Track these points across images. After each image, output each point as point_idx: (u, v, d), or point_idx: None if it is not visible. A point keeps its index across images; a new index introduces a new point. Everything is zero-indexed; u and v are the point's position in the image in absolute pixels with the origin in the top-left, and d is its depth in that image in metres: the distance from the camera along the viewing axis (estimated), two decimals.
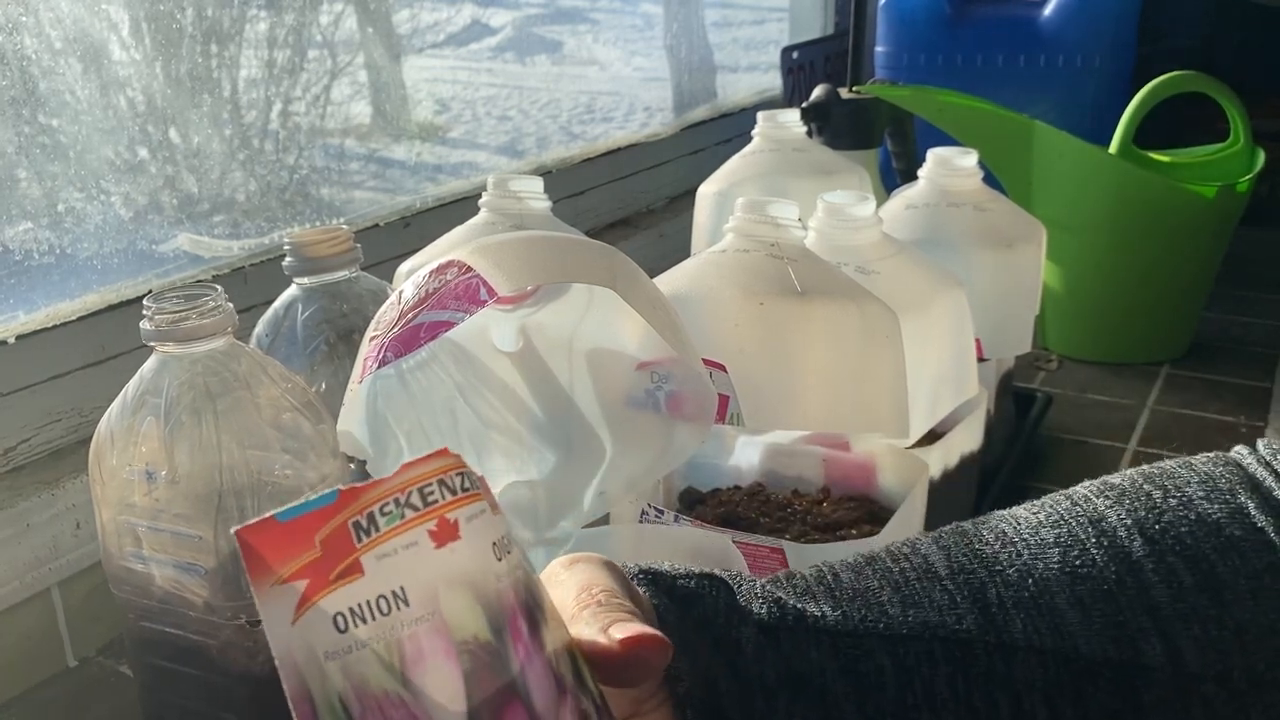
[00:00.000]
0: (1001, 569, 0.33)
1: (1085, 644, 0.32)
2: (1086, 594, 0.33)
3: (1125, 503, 0.35)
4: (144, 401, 0.51)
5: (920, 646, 0.32)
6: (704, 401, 0.51)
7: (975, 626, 0.32)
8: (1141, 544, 0.33)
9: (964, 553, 0.34)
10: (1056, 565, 0.33)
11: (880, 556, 0.35)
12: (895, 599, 0.33)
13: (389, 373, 0.49)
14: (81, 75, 0.78)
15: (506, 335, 0.54)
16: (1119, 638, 0.32)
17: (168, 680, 0.55)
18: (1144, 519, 0.34)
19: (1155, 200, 1.00)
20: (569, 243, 0.50)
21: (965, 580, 0.33)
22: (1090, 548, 0.34)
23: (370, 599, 0.23)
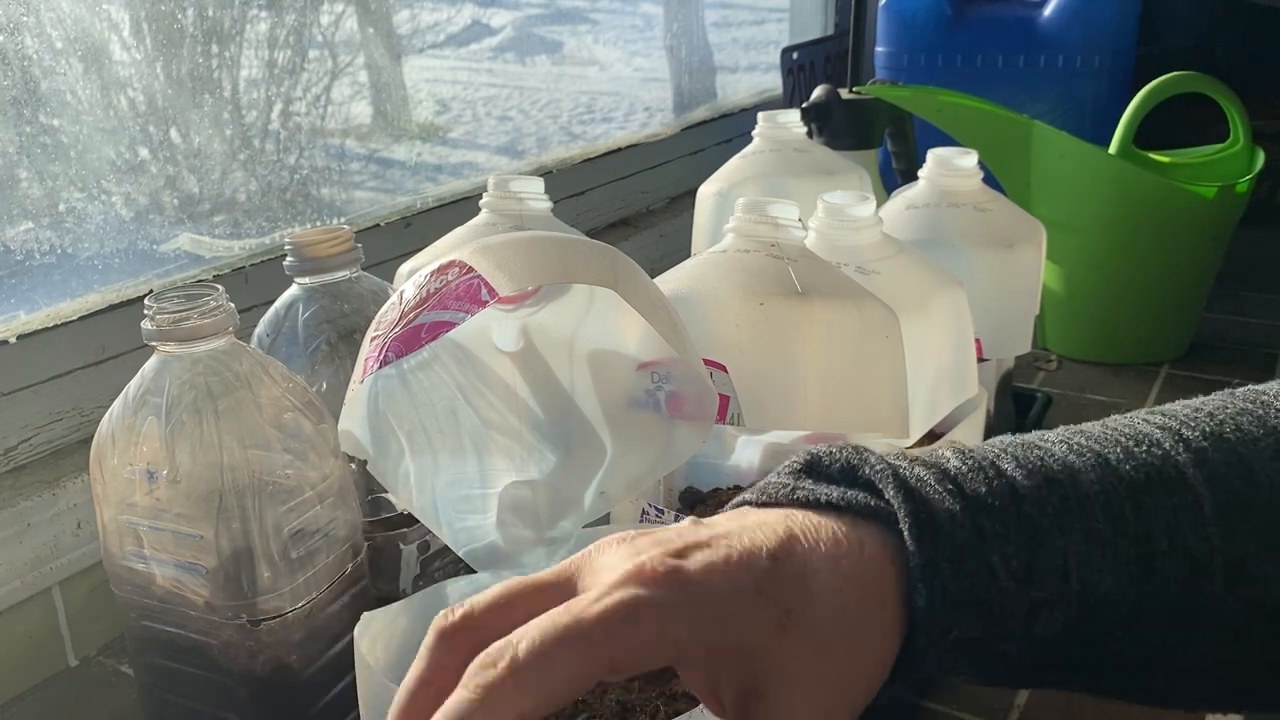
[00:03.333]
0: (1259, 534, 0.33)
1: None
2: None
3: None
4: (145, 401, 0.51)
5: (1161, 601, 0.32)
6: (704, 401, 0.51)
7: (1214, 601, 0.33)
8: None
9: (1224, 497, 0.34)
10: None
11: (1154, 484, 0.33)
12: (1169, 550, 0.33)
13: (390, 373, 0.49)
14: (82, 75, 0.78)
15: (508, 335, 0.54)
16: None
17: (169, 680, 0.55)
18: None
19: (1155, 201, 1.00)
20: (570, 243, 0.50)
21: (1236, 569, 0.33)
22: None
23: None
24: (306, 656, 0.54)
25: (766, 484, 0.34)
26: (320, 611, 0.54)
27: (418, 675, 0.30)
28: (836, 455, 0.34)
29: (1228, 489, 0.33)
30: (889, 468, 0.33)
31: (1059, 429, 0.36)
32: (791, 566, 0.30)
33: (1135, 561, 0.32)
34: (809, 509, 0.33)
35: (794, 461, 0.35)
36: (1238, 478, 0.34)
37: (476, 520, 0.53)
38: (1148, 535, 0.32)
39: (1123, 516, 0.33)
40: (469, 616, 0.30)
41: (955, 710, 0.61)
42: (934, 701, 0.62)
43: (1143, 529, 0.33)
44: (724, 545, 0.31)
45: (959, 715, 0.61)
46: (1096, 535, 0.32)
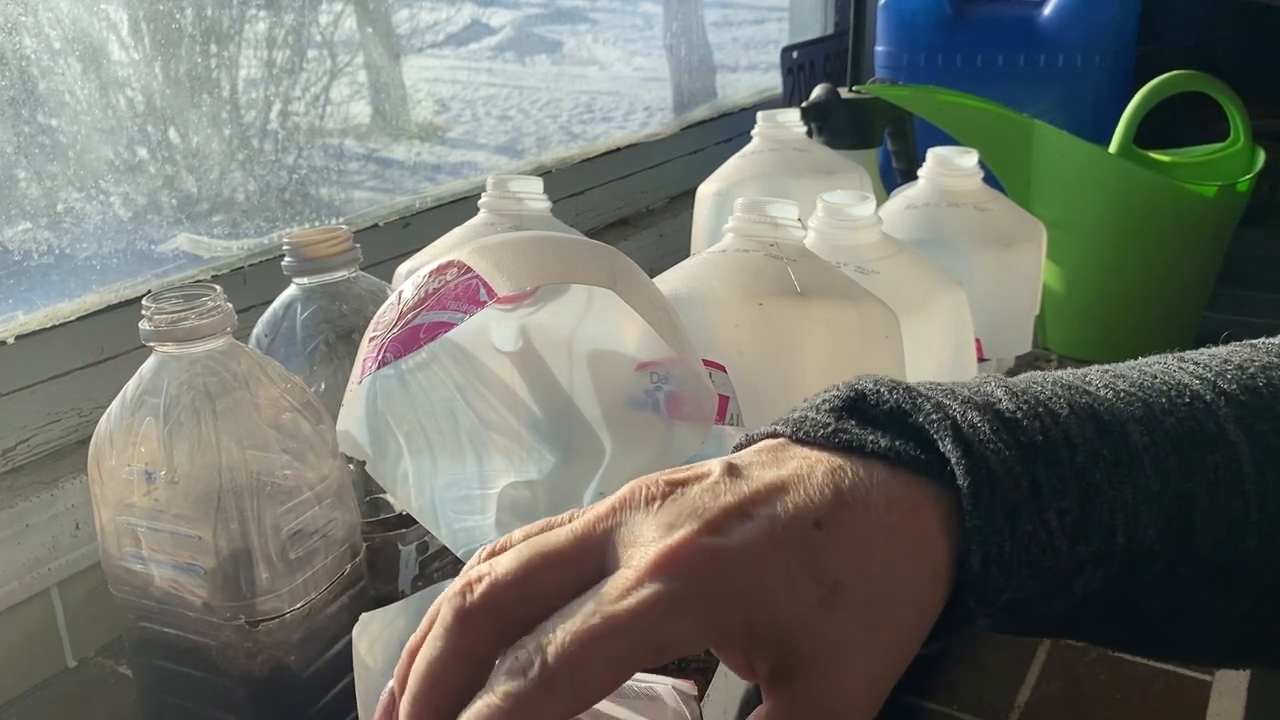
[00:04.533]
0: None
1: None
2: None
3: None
4: (143, 402, 0.51)
5: (1196, 557, 0.32)
6: (703, 402, 0.51)
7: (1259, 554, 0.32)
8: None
9: (1261, 452, 0.33)
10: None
11: (1196, 438, 0.33)
12: (1209, 506, 0.32)
13: (389, 373, 0.49)
14: (81, 75, 0.78)
15: (506, 335, 0.54)
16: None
17: (167, 681, 0.55)
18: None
19: (1155, 200, 1.00)
20: (569, 243, 0.50)
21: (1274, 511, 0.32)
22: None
23: None
24: (305, 657, 0.54)
25: (803, 418, 0.32)
26: (319, 612, 0.54)
27: (437, 657, 0.28)
28: (885, 396, 0.31)
29: (1265, 445, 0.32)
30: (945, 417, 0.30)
31: (1096, 369, 0.35)
32: (840, 536, 0.28)
33: (1177, 517, 0.31)
34: (853, 456, 0.30)
35: (834, 395, 0.32)
36: (1274, 434, 0.33)
37: (475, 521, 0.53)
38: (1190, 492, 0.31)
39: (1169, 471, 0.31)
40: (491, 597, 0.28)
41: (955, 710, 0.61)
42: (934, 702, 0.62)
43: (1186, 485, 0.31)
44: (766, 515, 0.28)
45: (959, 715, 0.61)
46: (1145, 490, 0.31)
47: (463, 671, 0.28)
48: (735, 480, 0.30)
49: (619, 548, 0.29)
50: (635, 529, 0.29)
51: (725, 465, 0.30)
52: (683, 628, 0.27)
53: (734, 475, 0.30)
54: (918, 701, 0.62)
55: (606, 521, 0.29)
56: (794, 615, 0.28)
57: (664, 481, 0.30)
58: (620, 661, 0.27)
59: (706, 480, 0.30)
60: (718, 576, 0.27)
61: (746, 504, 0.29)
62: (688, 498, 0.29)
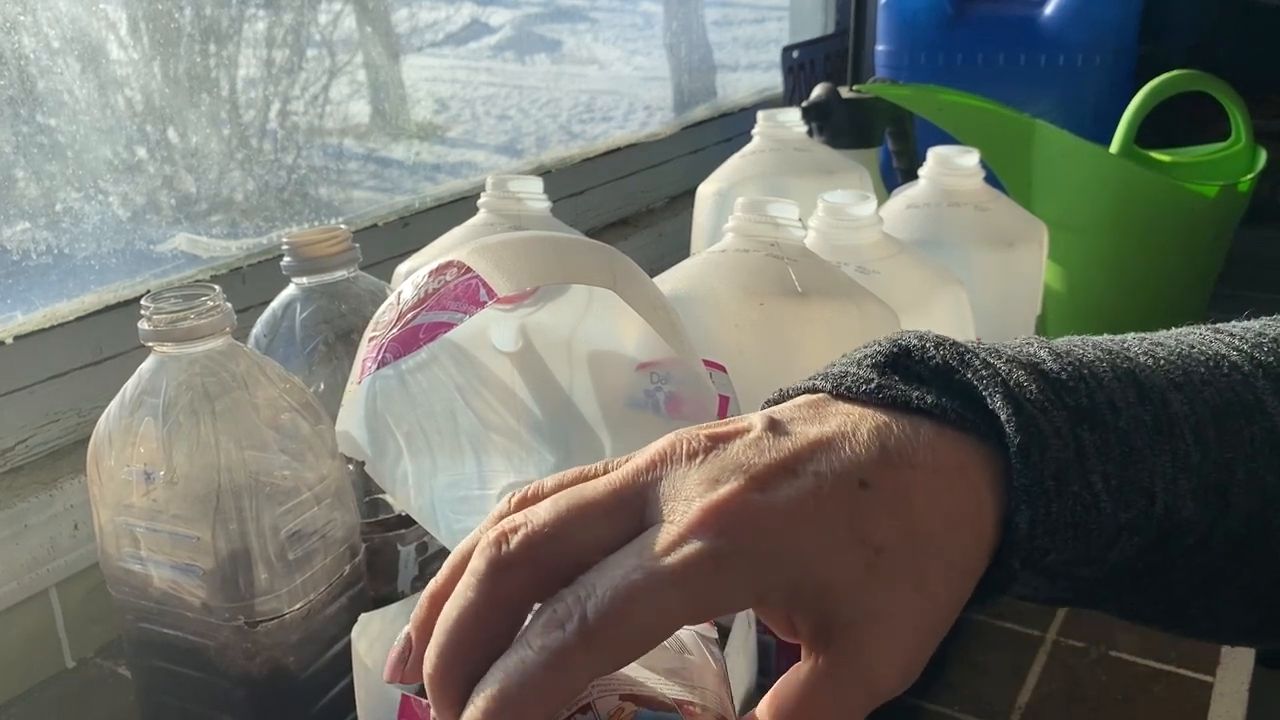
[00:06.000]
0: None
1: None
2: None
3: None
4: (142, 402, 0.51)
5: (1228, 529, 0.31)
6: (704, 402, 0.51)
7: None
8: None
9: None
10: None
11: (1234, 409, 0.32)
12: (1245, 478, 0.32)
13: (388, 373, 0.49)
14: (79, 75, 0.78)
15: (506, 336, 0.54)
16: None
17: (166, 681, 0.55)
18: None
19: (1156, 200, 1.00)
20: (569, 243, 0.50)
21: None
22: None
23: None
24: (304, 658, 0.54)
25: (844, 373, 0.31)
26: (318, 613, 0.54)
27: (469, 607, 0.27)
28: (931, 352, 0.31)
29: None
30: (994, 374, 0.30)
31: (1134, 336, 0.35)
32: (887, 497, 0.28)
33: (1214, 489, 0.31)
34: (898, 412, 0.30)
35: (877, 350, 0.32)
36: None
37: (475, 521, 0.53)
38: (1228, 463, 0.31)
39: (1208, 441, 0.31)
40: (529, 548, 0.27)
41: (956, 711, 0.61)
42: (934, 703, 0.62)
43: (1224, 455, 0.31)
44: (812, 473, 0.28)
45: (959, 716, 0.61)
46: (1185, 459, 0.30)
47: (496, 623, 0.27)
48: (779, 436, 0.29)
49: (661, 502, 0.28)
50: (677, 483, 0.28)
51: (767, 420, 0.30)
52: (729, 586, 0.26)
53: (777, 431, 0.29)
54: (918, 702, 0.62)
55: (646, 475, 0.29)
56: (839, 577, 0.27)
57: (705, 436, 0.29)
58: (663, 618, 0.26)
59: (749, 435, 0.29)
60: (765, 534, 0.27)
61: (792, 460, 0.28)
62: (731, 452, 0.28)
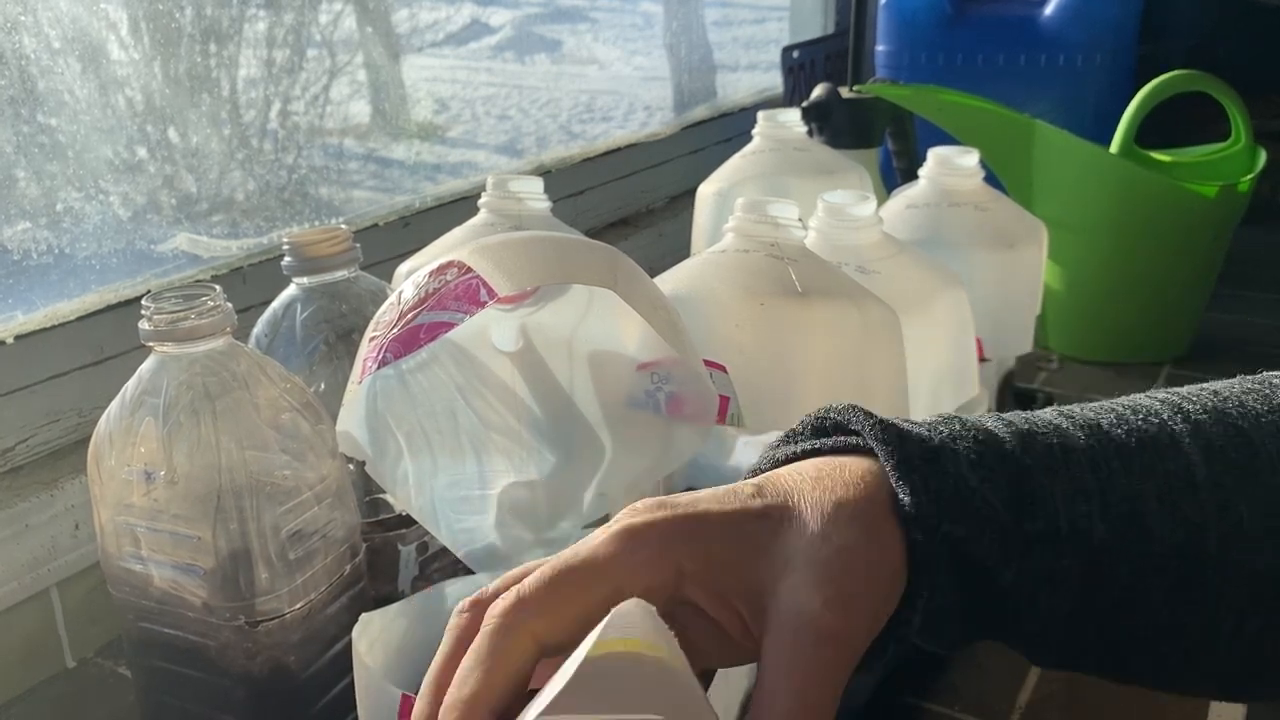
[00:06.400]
0: (1248, 493, 0.34)
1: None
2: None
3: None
4: (142, 402, 0.51)
5: (1161, 562, 0.33)
6: (704, 402, 0.51)
7: (1215, 550, 0.33)
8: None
9: (1221, 465, 0.34)
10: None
11: (1150, 448, 0.34)
12: (1159, 513, 0.33)
13: (389, 373, 0.49)
14: (80, 75, 0.78)
15: (507, 336, 0.54)
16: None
17: (166, 681, 0.55)
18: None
19: (1156, 200, 1.00)
20: (569, 243, 0.50)
21: (1220, 499, 0.33)
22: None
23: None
24: (305, 658, 0.54)
25: (748, 470, 0.36)
26: (318, 613, 0.54)
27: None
28: (804, 420, 0.36)
29: (1224, 459, 0.34)
30: (853, 408, 0.35)
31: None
32: (776, 486, 0.32)
33: (1127, 517, 0.32)
34: (808, 456, 0.35)
35: (767, 446, 0.37)
36: (1235, 449, 0.34)
37: (475, 521, 0.53)
38: (1138, 493, 0.33)
39: (1110, 470, 0.33)
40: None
41: (957, 712, 0.61)
42: (936, 703, 0.62)
43: (1132, 486, 0.33)
44: (706, 491, 0.33)
45: (960, 717, 0.61)
46: (1081, 483, 0.33)
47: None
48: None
49: None
50: None
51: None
52: (643, 551, 0.30)
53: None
54: (919, 703, 0.62)
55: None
56: (749, 543, 0.31)
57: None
58: (591, 585, 0.30)
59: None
60: (671, 510, 0.31)
61: (721, 494, 0.33)
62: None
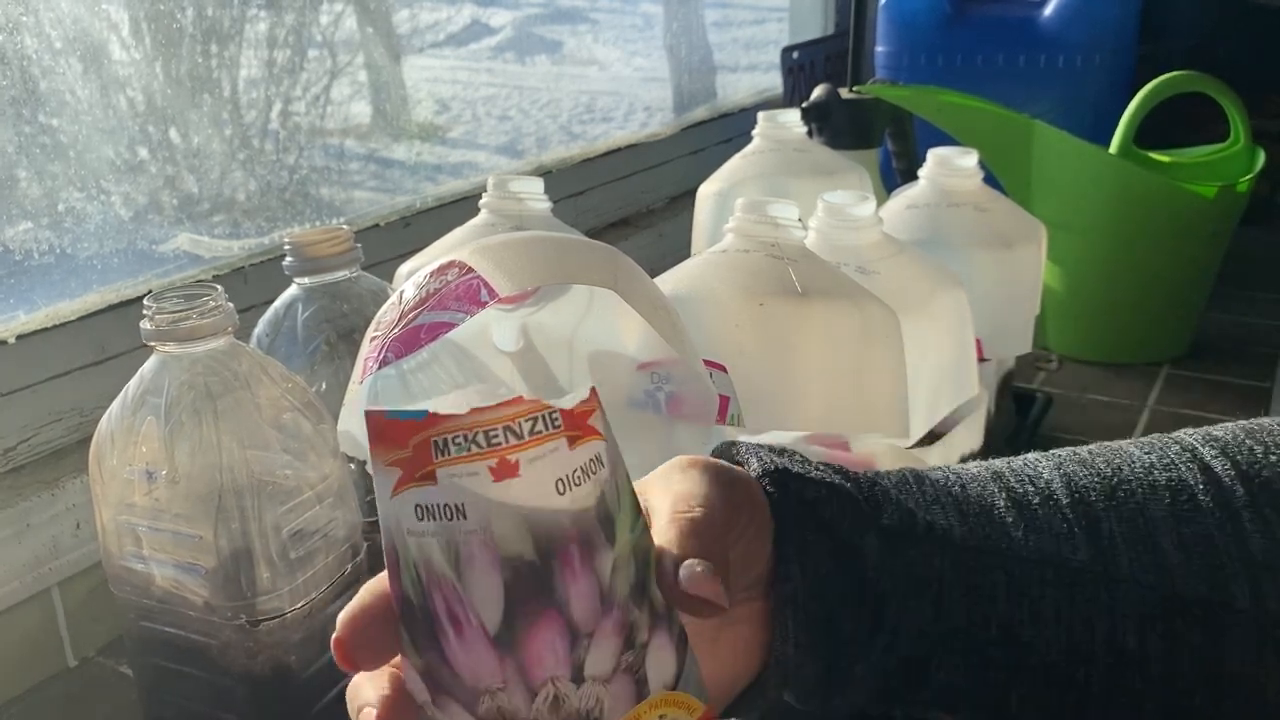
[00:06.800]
0: (1116, 505, 0.36)
1: (1183, 583, 0.34)
2: (1190, 537, 0.35)
3: (1229, 453, 0.37)
4: (144, 401, 0.51)
5: (1035, 571, 0.35)
6: (704, 402, 0.51)
7: (1087, 558, 0.35)
8: (1243, 493, 0.36)
9: (1084, 484, 0.37)
10: (1166, 507, 0.36)
11: (1004, 474, 0.37)
12: (1019, 522, 0.36)
13: (390, 373, 0.49)
14: (82, 75, 0.78)
15: (507, 335, 0.54)
16: (1214, 580, 0.34)
17: (168, 680, 0.55)
18: (1245, 470, 0.36)
19: (1155, 200, 1.00)
20: (570, 243, 0.50)
21: (1084, 512, 0.36)
22: (1197, 494, 0.36)
23: (439, 503, 0.28)
24: (305, 657, 0.54)
25: None
26: (319, 612, 0.54)
27: None
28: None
29: (1084, 485, 0.37)
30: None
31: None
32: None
33: (986, 524, 0.35)
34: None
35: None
36: (1098, 479, 0.37)
37: None
38: (992, 504, 0.36)
39: (964, 488, 0.36)
40: None
41: None
42: None
43: (986, 498, 0.36)
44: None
45: None
46: (934, 495, 0.36)
47: None
48: None
49: None
50: None
51: None
52: None
53: None
54: None
55: None
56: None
57: None
58: None
59: None
60: None
61: None
62: None
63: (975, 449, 0.73)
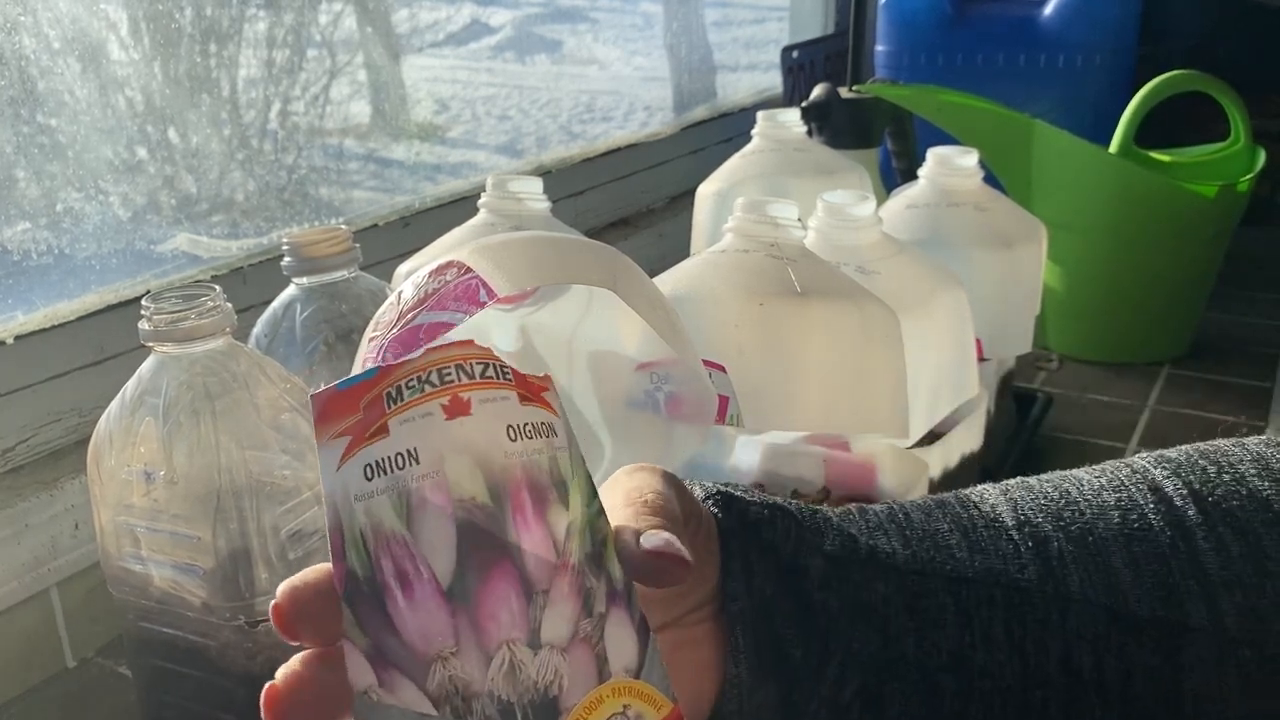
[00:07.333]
0: (1064, 525, 0.35)
1: (1136, 602, 0.34)
2: (1141, 555, 0.34)
3: (1181, 474, 0.36)
4: (142, 402, 0.51)
5: (982, 591, 0.34)
6: (703, 402, 0.51)
7: (1036, 577, 0.34)
8: (1195, 513, 0.35)
9: (1030, 507, 0.36)
10: (1116, 526, 0.35)
11: (949, 501, 0.37)
12: (963, 544, 0.35)
13: None
14: (80, 75, 0.78)
15: (506, 335, 0.54)
16: (1167, 598, 0.34)
17: (166, 681, 0.55)
18: (1199, 490, 0.36)
19: (1156, 200, 1.00)
20: (569, 243, 0.50)
21: (1030, 533, 0.35)
22: (1148, 513, 0.35)
23: (390, 455, 0.28)
24: None
25: None
26: None
27: None
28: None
29: (1032, 507, 0.36)
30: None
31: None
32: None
33: (930, 547, 0.35)
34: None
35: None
36: (1046, 500, 0.37)
37: None
38: (936, 529, 0.36)
39: (907, 517, 0.36)
40: None
41: None
42: None
43: (931, 525, 0.36)
44: None
45: None
46: (876, 522, 0.36)
47: None
48: None
49: None
50: None
51: None
52: None
53: None
54: None
55: None
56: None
57: None
58: None
59: None
60: None
61: None
62: None
63: (975, 449, 0.73)
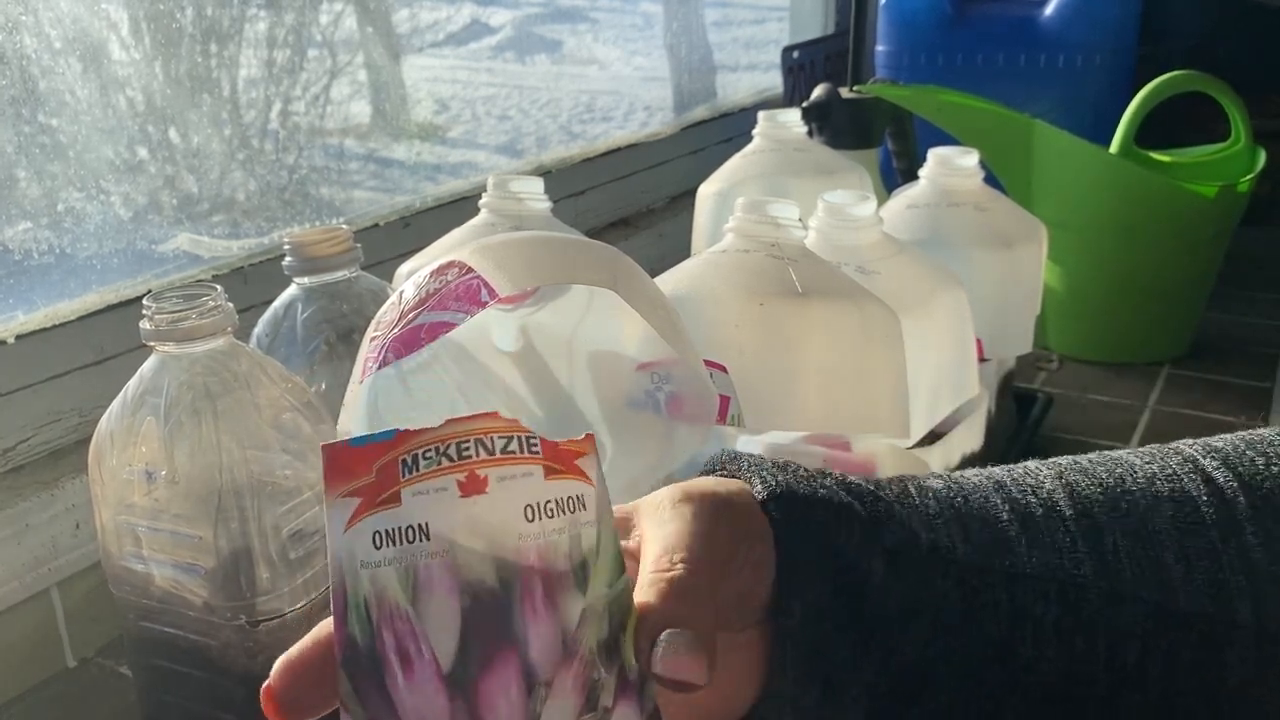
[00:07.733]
0: (1119, 516, 0.35)
1: (1185, 598, 0.34)
2: (1193, 550, 0.34)
3: (1231, 465, 0.37)
4: (143, 401, 0.51)
5: (1038, 587, 0.34)
6: (704, 402, 0.51)
7: (1091, 573, 0.34)
8: (1245, 506, 0.35)
9: (1087, 495, 0.36)
10: (1169, 519, 0.35)
11: (1007, 485, 0.37)
12: (1021, 537, 0.35)
13: (390, 373, 0.49)
14: (81, 75, 0.78)
15: (507, 335, 0.54)
16: (1216, 595, 0.34)
17: (167, 681, 0.55)
18: (1248, 483, 0.36)
19: (1156, 200, 1.00)
20: (570, 243, 0.50)
21: (1088, 525, 0.35)
22: (1201, 505, 0.35)
23: (401, 527, 0.27)
24: None
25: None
26: (319, 612, 0.54)
27: None
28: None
29: (1088, 497, 0.36)
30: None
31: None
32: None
33: (991, 541, 0.34)
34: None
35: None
36: (1100, 489, 0.37)
37: None
38: (996, 517, 0.35)
39: (966, 500, 0.36)
40: None
41: None
42: None
43: (990, 512, 0.35)
44: None
45: None
46: (937, 510, 0.35)
47: None
48: None
49: None
50: None
51: None
52: None
53: None
54: None
55: None
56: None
57: None
58: None
59: None
60: None
61: None
62: None
63: (975, 449, 0.73)
